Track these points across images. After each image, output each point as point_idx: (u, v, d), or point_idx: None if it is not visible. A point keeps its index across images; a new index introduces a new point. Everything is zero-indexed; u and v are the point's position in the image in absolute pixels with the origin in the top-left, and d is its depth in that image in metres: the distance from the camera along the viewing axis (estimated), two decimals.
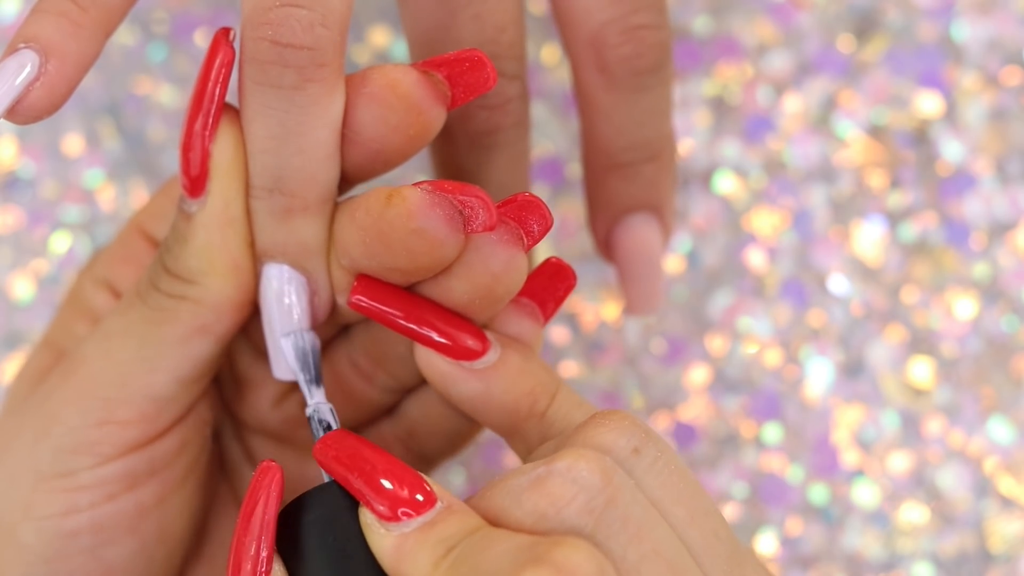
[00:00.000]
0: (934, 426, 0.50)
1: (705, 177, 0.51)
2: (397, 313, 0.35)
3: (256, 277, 0.36)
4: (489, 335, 0.35)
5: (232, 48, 0.34)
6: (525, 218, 0.34)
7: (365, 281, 0.35)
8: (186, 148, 0.35)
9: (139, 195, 0.51)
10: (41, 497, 0.36)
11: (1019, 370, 0.50)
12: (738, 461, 0.50)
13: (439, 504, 0.32)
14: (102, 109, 0.51)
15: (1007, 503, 0.49)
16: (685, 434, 0.50)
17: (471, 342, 0.35)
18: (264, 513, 0.33)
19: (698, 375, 0.50)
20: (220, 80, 0.34)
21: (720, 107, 0.51)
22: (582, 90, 0.41)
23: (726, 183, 0.51)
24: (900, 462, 0.50)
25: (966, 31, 0.52)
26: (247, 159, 0.35)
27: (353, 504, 0.33)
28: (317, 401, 0.35)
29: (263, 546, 0.33)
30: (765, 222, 0.51)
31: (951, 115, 0.51)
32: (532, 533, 0.31)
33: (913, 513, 0.49)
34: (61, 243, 0.51)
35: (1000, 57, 0.51)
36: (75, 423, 0.36)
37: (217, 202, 0.35)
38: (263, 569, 0.33)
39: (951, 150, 0.51)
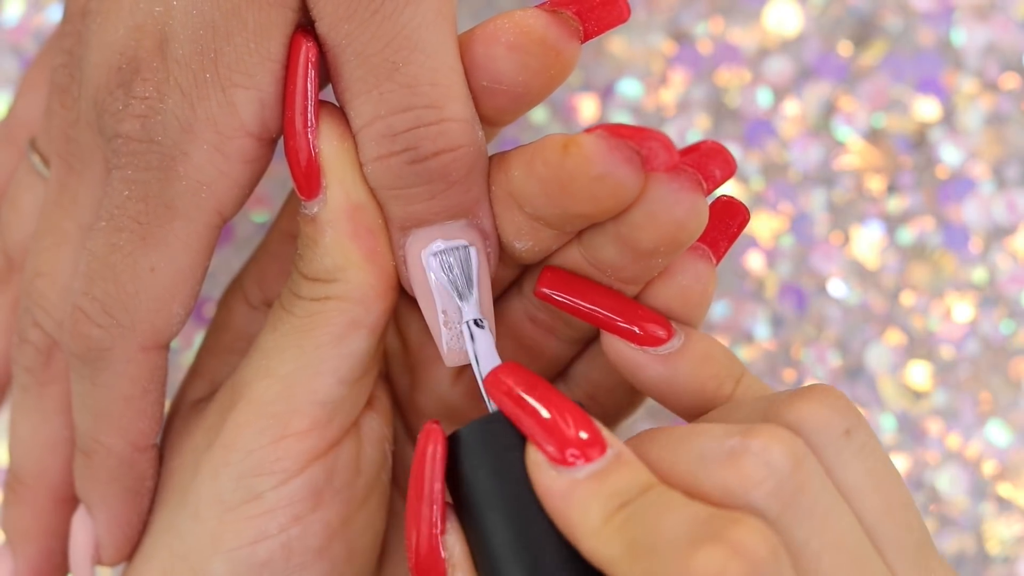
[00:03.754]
0: (932, 429, 0.50)
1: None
2: (584, 303, 0.36)
3: (393, 260, 0.36)
4: (674, 325, 0.36)
5: (315, 44, 0.34)
6: (706, 164, 0.35)
7: (551, 273, 0.36)
8: (292, 151, 0.35)
9: None
10: (228, 528, 0.35)
11: (1017, 373, 0.50)
12: None
13: (610, 451, 0.32)
14: None
15: (1005, 505, 0.50)
16: None
17: (657, 329, 0.36)
18: (432, 478, 0.33)
19: None
20: (311, 77, 0.34)
21: (720, 111, 0.52)
22: None
23: (726, 187, 0.51)
24: (898, 464, 0.50)
25: (965, 36, 0.52)
26: (360, 143, 0.35)
27: (520, 441, 0.33)
28: (470, 315, 0.36)
29: (435, 510, 0.33)
30: (765, 226, 0.51)
31: (950, 120, 0.51)
32: (716, 506, 0.31)
33: None
34: None
35: (999, 62, 0.52)
36: (252, 446, 0.35)
37: (338, 194, 0.35)
38: (438, 531, 0.33)
39: (950, 155, 0.51)
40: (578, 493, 0.31)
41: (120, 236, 0.35)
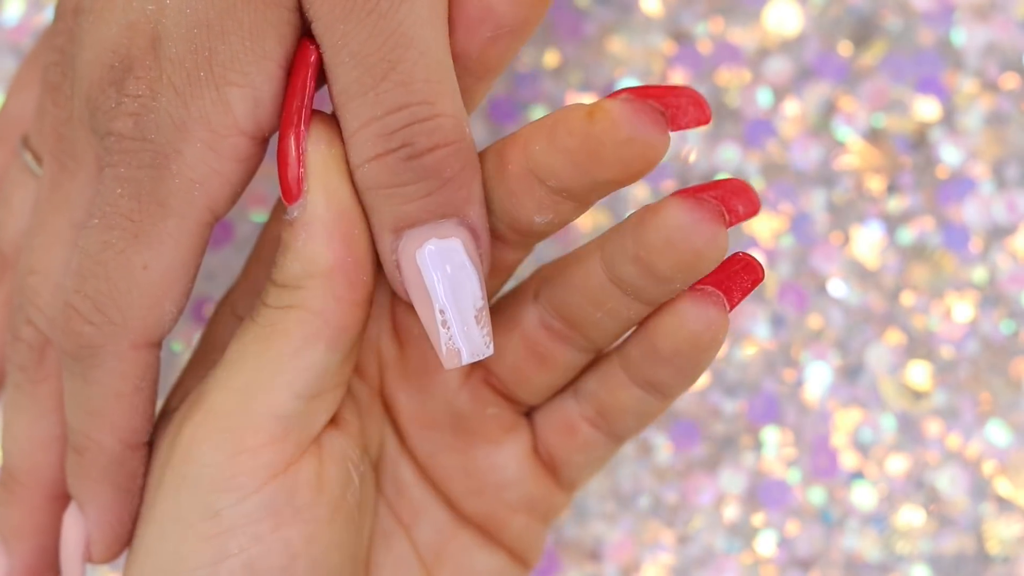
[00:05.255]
0: (932, 429, 0.50)
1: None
2: None
3: (367, 273, 0.35)
4: None
5: (317, 49, 0.34)
6: (730, 199, 0.35)
7: None
8: (283, 153, 0.35)
9: None
10: (190, 547, 0.35)
11: (1017, 373, 0.50)
12: (737, 463, 0.50)
13: None
14: None
15: (1005, 505, 0.49)
16: (685, 435, 0.50)
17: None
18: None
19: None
20: (310, 80, 0.34)
21: (720, 111, 0.52)
22: None
23: None
24: (898, 464, 0.50)
25: (965, 36, 0.52)
26: (355, 145, 0.34)
27: None
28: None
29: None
30: (765, 226, 0.51)
31: (950, 120, 0.51)
32: None
33: (911, 515, 0.49)
34: None
35: (999, 62, 0.52)
36: (208, 460, 0.35)
37: (319, 199, 0.34)
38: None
39: (950, 155, 0.51)
40: None
41: (112, 234, 0.35)
